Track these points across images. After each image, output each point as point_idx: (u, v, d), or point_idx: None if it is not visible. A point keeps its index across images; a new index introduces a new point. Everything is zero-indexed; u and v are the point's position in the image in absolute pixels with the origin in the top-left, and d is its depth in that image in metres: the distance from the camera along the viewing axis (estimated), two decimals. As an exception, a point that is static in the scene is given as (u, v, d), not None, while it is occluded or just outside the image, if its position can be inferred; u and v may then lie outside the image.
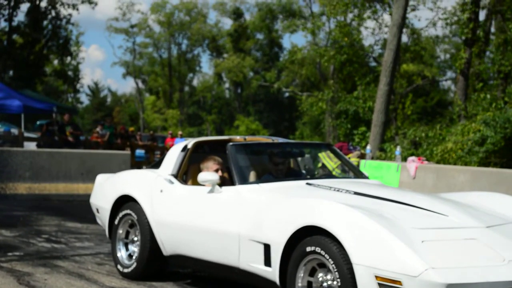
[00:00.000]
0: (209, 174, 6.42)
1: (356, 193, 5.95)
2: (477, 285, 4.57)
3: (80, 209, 13.42)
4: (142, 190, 7.26)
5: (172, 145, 28.29)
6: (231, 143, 6.81)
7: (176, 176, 7.15)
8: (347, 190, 6.04)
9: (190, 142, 7.41)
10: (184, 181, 7.21)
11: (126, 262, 7.36)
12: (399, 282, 4.61)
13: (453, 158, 18.29)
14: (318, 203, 5.41)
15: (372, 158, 19.37)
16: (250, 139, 7.54)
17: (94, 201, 8.27)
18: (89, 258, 8.37)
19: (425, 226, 5.19)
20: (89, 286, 6.83)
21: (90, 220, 10.46)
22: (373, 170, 15.08)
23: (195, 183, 7.08)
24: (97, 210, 8.15)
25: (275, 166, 6.91)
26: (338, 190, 6.07)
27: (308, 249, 5.24)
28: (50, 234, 10.19)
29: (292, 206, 5.60)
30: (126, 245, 7.50)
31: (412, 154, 19.60)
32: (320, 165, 8.25)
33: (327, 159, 8.00)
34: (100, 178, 8.48)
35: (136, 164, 24.94)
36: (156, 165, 7.65)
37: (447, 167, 14.83)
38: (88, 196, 8.63)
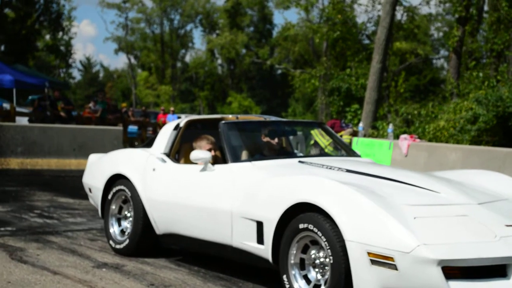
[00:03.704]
0: (201, 152, 6.42)
1: (348, 170, 5.96)
2: (468, 261, 4.60)
3: (72, 184, 13.43)
4: (135, 169, 7.25)
5: (164, 121, 28.34)
6: (223, 122, 6.81)
7: (168, 155, 7.15)
8: (339, 168, 6.05)
9: (183, 121, 7.41)
10: (176, 159, 7.21)
11: (119, 238, 7.37)
12: (391, 258, 4.64)
13: (445, 136, 18.32)
14: (311, 180, 5.43)
15: (365, 136, 19.38)
16: (243, 117, 7.54)
17: (87, 180, 8.25)
18: (81, 234, 8.38)
19: (417, 203, 5.21)
20: (81, 261, 6.85)
21: (82, 195, 10.47)
22: (365, 148, 15.11)
23: (188, 161, 7.08)
24: (90, 189, 8.14)
25: (267, 144, 6.92)
26: (330, 168, 6.08)
27: (301, 226, 5.26)
28: (42, 210, 10.20)
29: (285, 183, 5.62)
30: (118, 221, 7.51)
31: (404, 132, 19.60)
32: (312, 142, 8.25)
33: (320, 136, 7.99)
34: (93, 157, 8.47)
35: (129, 140, 24.92)
36: (149, 144, 7.64)
37: (439, 145, 14.86)
38: (80, 171, 8.65)
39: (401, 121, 23.10)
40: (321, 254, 5.22)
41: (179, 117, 31.86)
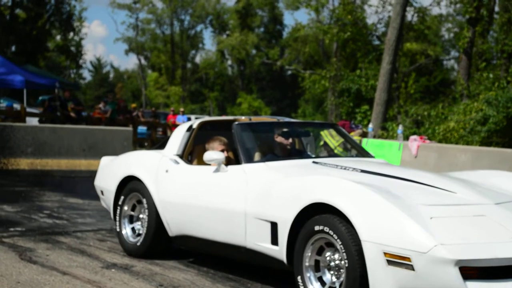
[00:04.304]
0: (215, 153, 6.39)
1: (363, 171, 5.92)
2: (486, 261, 4.57)
3: (82, 185, 13.44)
4: (148, 171, 7.22)
5: (174, 122, 28.38)
6: (237, 123, 6.79)
7: (181, 156, 7.12)
8: (354, 168, 6.01)
9: (195, 123, 7.38)
10: (189, 161, 7.19)
11: (131, 239, 7.34)
12: (408, 259, 4.61)
13: (455, 137, 18.29)
14: (326, 180, 5.39)
15: (374, 137, 19.37)
16: (256, 119, 7.53)
17: (99, 183, 8.20)
18: (90, 234, 8.39)
19: (433, 203, 5.17)
20: (90, 262, 6.86)
21: (92, 196, 10.48)
22: (375, 149, 15.09)
23: (201, 163, 7.06)
24: (102, 192, 8.09)
25: (280, 145, 6.91)
26: (345, 168, 6.04)
27: (316, 228, 5.22)
28: (52, 210, 10.22)
29: (299, 183, 5.58)
30: (131, 222, 7.48)
31: (414, 133, 19.58)
32: (322, 143, 8.24)
33: (329, 137, 7.98)
34: (105, 160, 8.42)
35: (138, 140, 24.98)
36: (161, 146, 7.62)
37: (449, 146, 14.83)
38: (90, 172, 8.66)
39: (411, 122, 23.08)
40: (336, 256, 5.19)
41: (189, 118, 31.95)
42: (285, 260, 5.58)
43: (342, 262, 5.08)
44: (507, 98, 17.15)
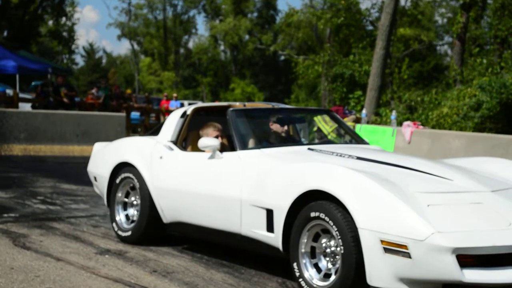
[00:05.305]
0: (209, 139, 6.36)
1: (359, 158, 5.90)
2: (483, 249, 4.56)
3: (75, 171, 13.41)
4: (142, 157, 7.18)
5: (167, 107, 28.32)
6: (231, 109, 6.76)
7: (175, 142, 7.08)
8: (350, 155, 5.98)
9: (189, 109, 7.35)
10: (183, 147, 7.17)
11: (125, 226, 7.32)
12: (405, 246, 4.60)
13: (449, 123, 18.29)
14: (322, 167, 5.38)
15: (368, 122, 19.38)
16: (250, 105, 7.50)
17: (92, 169, 8.16)
18: (84, 220, 8.38)
19: (430, 190, 5.16)
20: (84, 248, 6.85)
21: (85, 182, 10.46)
22: (368, 135, 15.08)
23: (195, 149, 7.03)
24: (95, 178, 8.05)
25: (275, 132, 6.89)
26: (340, 155, 6.02)
27: (312, 214, 5.21)
28: (46, 196, 10.20)
29: (295, 170, 5.57)
30: (124, 208, 7.45)
31: (407, 119, 19.60)
32: (315, 129, 8.22)
33: (323, 123, 7.96)
34: (98, 146, 8.36)
35: (132, 126, 24.92)
36: (155, 132, 7.58)
37: (443, 132, 14.83)
38: (83, 158, 8.64)
39: (404, 108, 23.07)
40: (332, 243, 5.18)
41: (182, 104, 31.88)
42: (280, 247, 5.58)
43: (338, 248, 5.07)
44: (500, 84, 17.15)
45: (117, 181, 7.44)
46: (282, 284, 5.75)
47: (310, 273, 5.30)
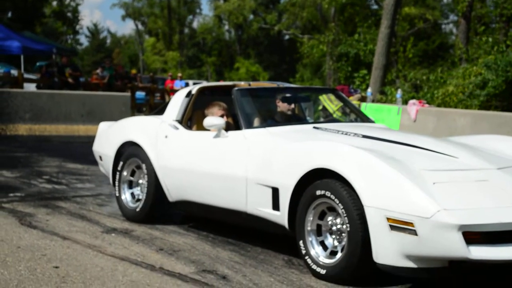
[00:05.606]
0: (215, 118, 6.34)
1: (364, 136, 5.89)
2: (489, 226, 4.55)
3: (81, 150, 13.41)
4: (147, 136, 7.17)
5: (172, 87, 28.30)
6: (236, 88, 6.75)
7: (180, 122, 7.06)
8: (355, 134, 5.98)
9: (194, 88, 7.33)
10: (188, 127, 7.15)
11: (131, 205, 7.33)
12: (411, 224, 4.60)
13: (454, 101, 18.26)
14: (328, 146, 5.37)
15: (373, 101, 19.35)
16: (255, 84, 7.49)
17: (97, 148, 8.17)
18: (90, 199, 8.40)
19: (436, 168, 5.15)
20: (90, 227, 6.86)
21: (91, 161, 10.48)
22: (374, 113, 15.06)
23: (200, 128, 7.01)
24: (100, 157, 8.06)
25: (280, 111, 6.88)
26: (346, 134, 6.00)
27: (318, 192, 5.21)
28: (51, 175, 10.21)
29: (301, 149, 5.56)
30: (130, 187, 7.46)
31: (413, 97, 19.55)
32: (320, 107, 8.22)
33: (328, 102, 7.96)
34: (103, 125, 8.36)
35: (136, 106, 24.92)
36: (160, 111, 7.57)
37: (448, 110, 14.81)
38: (88, 137, 8.64)
39: (410, 87, 23.01)
40: (338, 220, 5.18)
41: (187, 84, 31.83)
42: (286, 225, 5.58)
43: (344, 226, 5.08)
44: (506, 62, 17.10)
45: (123, 160, 7.44)
46: (288, 261, 5.76)
47: (316, 251, 5.31)
